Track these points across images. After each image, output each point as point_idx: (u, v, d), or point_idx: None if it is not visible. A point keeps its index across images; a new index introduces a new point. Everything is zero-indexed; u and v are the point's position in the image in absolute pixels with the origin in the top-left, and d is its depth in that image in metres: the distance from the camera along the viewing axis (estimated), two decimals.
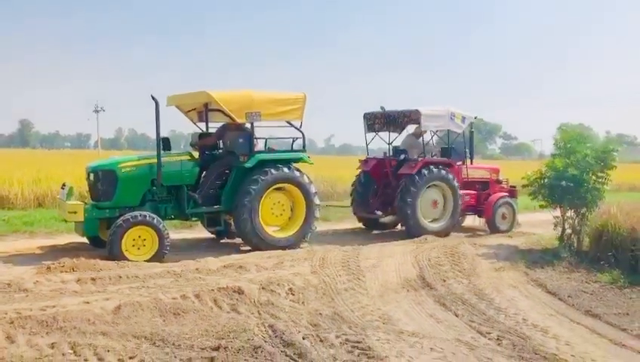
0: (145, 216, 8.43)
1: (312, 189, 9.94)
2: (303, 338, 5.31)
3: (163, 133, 8.88)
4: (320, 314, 6.18)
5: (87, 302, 6.06)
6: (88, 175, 9.10)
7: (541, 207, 10.46)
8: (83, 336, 5.12)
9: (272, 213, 9.70)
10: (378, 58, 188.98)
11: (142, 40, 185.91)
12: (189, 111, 10.41)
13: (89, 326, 5.34)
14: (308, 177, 9.94)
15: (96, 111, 57.90)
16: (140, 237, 8.38)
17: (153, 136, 8.94)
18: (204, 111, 9.91)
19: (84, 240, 9.23)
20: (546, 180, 9.99)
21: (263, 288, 6.79)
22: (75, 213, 8.56)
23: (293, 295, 6.80)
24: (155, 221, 8.46)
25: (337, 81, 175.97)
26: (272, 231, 9.65)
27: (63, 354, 4.75)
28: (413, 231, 11.05)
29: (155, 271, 7.53)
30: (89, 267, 7.51)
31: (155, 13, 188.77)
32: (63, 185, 9.26)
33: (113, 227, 8.28)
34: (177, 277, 7.31)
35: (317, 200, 9.99)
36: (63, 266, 7.49)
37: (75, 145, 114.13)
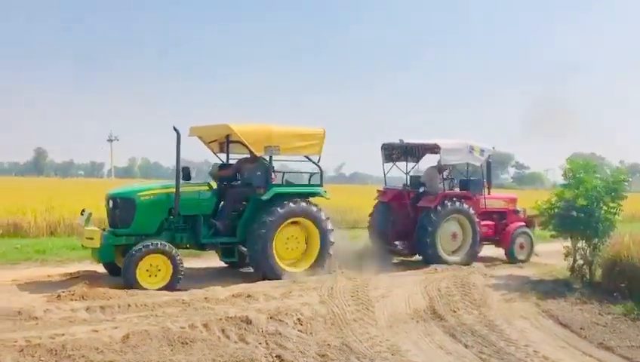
0: (160, 244, 8.50)
1: (328, 226, 9.88)
2: None
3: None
4: (328, 344, 6.16)
5: (96, 331, 6.07)
6: (107, 201, 9.22)
7: (552, 237, 10.41)
8: None
9: (286, 246, 9.68)
10: (390, 88, 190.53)
11: (155, 70, 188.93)
12: (211, 142, 10.56)
13: (97, 355, 5.36)
14: (325, 213, 9.91)
15: (110, 141, 58.78)
16: (153, 265, 8.43)
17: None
18: (226, 142, 10.06)
19: (95, 268, 9.30)
20: (556, 210, 9.95)
21: (271, 318, 6.78)
22: (92, 239, 8.66)
23: (302, 325, 6.78)
24: (169, 249, 8.53)
25: (348, 111, 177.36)
26: (284, 264, 9.58)
27: None
28: (433, 263, 11.03)
29: (163, 299, 7.55)
30: (99, 295, 7.54)
31: (167, 43, 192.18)
32: (83, 211, 9.35)
33: (128, 254, 8.35)
34: (186, 306, 7.31)
35: (332, 238, 9.93)
36: (73, 294, 7.53)
37: (88, 173, 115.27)
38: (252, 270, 9.77)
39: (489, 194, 12.78)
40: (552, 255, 12.11)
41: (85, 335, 5.91)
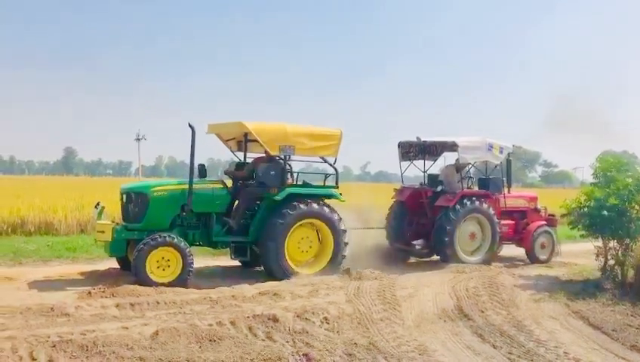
0: (169, 237, 8.56)
1: (342, 227, 9.80)
2: None
3: (201, 161, 9.04)
4: (355, 343, 6.15)
5: (126, 328, 6.18)
6: (122, 196, 9.34)
7: (582, 236, 10.22)
8: (121, 361, 5.22)
9: (299, 248, 9.61)
10: (415, 87, 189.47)
11: (183, 71, 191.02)
12: (229, 140, 10.58)
13: (127, 351, 5.44)
14: (338, 214, 9.80)
15: (138, 140, 59.53)
16: (164, 258, 8.49)
17: (195, 164, 9.13)
18: (244, 141, 10.08)
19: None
20: (585, 209, 9.76)
21: (297, 316, 6.80)
22: (103, 232, 8.75)
23: (328, 324, 6.78)
24: (180, 243, 8.57)
25: (373, 109, 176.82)
26: (296, 266, 9.50)
27: None
28: (451, 262, 10.90)
29: (191, 297, 7.63)
30: (128, 292, 7.65)
31: (196, 45, 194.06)
32: (97, 204, 9.45)
33: (139, 246, 8.41)
34: (213, 303, 7.38)
35: (346, 239, 9.85)
36: (103, 291, 7.66)
37: (116, 172, 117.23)
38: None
39: (509, 192, 12.59)
40: (581, 255, 11.93)
41: (115, 331, 6.02)
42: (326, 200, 9.86)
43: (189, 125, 8.91)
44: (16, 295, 7.65)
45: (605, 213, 9.35)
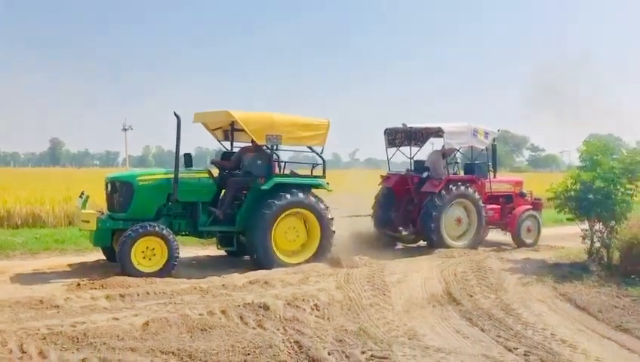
0: (153, 226, 8.52)
1: (329, 216, 9.78)
2: (329, 354, 5.34)
3: (189, 150, 8.98)
4: (345, 329, 6.20)
5: (117, 319, 6.17)
6: (106, 185, 9.28)
7: (569, 220, 10.33)
8: (112, 352, 5.22)
9: (286, 237, 9.58)
10: (402, 72, 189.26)
11: (168, 58, 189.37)
12: (215, 129, 10.52)
13: (118, 342, 5.44)
14: (325, 204, 9.78)
15: (125, 130, 58.94)
16: (149, 248, 8.47)
17: (181, 153, 9.10)
18: (230, 130, 10.02)
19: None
20: (572, 193, 9.87)
21: (288, 304, 6.83)
22: (88, 222, 8.68)
23: (319, 311, 6.82)
24: (163, 231, 8.53)
25: (361, 95, 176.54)
26: (283, 255, 9.49)
27: None
28: (438, 249, 10.98)
29: (182, 287, 7.63)
30: (118, 284, 7.64)
31: (181, 31, 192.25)
32: (81, 193, 9.38)
33: (124, 235, 8.38)
34: (204, 293, 7.39)
35: (333, 228, 9.84)
36: (92, 283, 7.66)
37: (103, 163, 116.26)
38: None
39: (494, 177, 12.68)
40: (567, 238, 12.07)
41: (106, 322, 6.01)
42: (313, 190, 9.85)
43: (175, 114, 8.85)
44: (4, 288, 7.62)
45: (591, 196, 9.47)
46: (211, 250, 10.84)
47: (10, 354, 5.11)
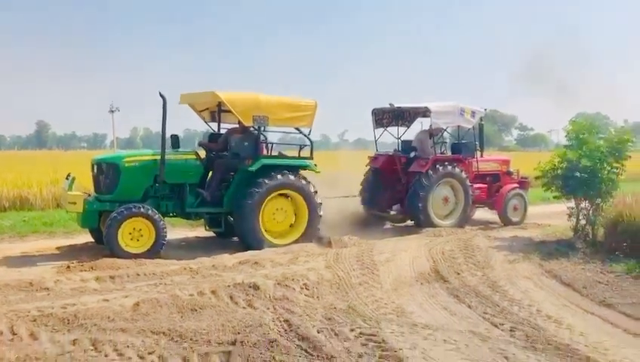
0: (139, 207, 8.53)
1: (317, 199, 9.81)
2: (318, 332, 5.40)
3: (176, 131, 8.94)
4: (334, 308, 6.27)
5: (107, 300, 6.20)
6: (93, 167, 9.26)
7: (555, 198, 10.45)
8: (103, 333, 5.25)
9: (274, 218, 9.60)
10: (388, 51, 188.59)
11: (155, 39, 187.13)
12: (202, 110, 10.47)
13: (109, 323, 5.47)
14: (313, 186, 9.81)
15: (112, 112, 58.48)
16: (135, 229, 8.49)
17: (167, 135, 9.07)
18: (217, 111, 9.98)
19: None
20: (559, 171, 9.97)
21: (278, 283, 6.88)
22: (75, 203, 8.67)
23: (308, 290, 6.88)
24: (149, 212, 8.54)
25: (349, 75, 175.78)
26: (271, 236, 9.53)
27: (85, 351, 4.88)
28: (425, 228, 11.08)
29: (171, 268, 7.67)
30: (107, 266, 7.67)
31: (168, 13, 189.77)
32: (68, 175, 9.35)
33: (111, 216, 8.39)
34: (194, 274, 7.43)
35: (320, 211, 9.86)
36: (82, 265, 7.67)
37: (91, 145, 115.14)
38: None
39: (481, 156, 12.76)
40: (554, 216, 12.20)
41: (96, 304, 6.04)
42: (301, 172, 9.86)
43: (160, 94, 8.80)
44: None
45: (578, 174, 9.58)
46: (200, 231, 10.86)
47: (0, 336, 5.13)
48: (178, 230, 11.12)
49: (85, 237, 10.02)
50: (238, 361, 4.68)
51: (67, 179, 9.24)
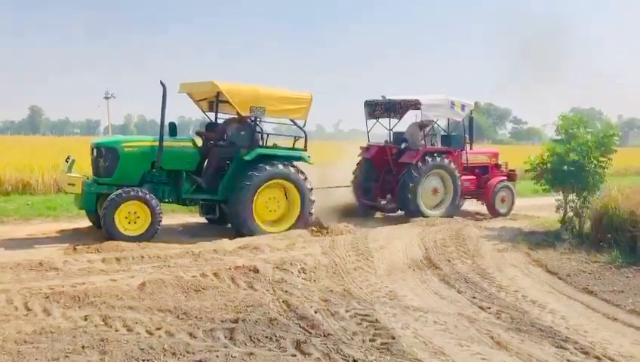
0: (136, 191, 8.82)
1: (308, 186, 10.09)
2: (315, 312, 5.71)
3: (172, 119, 9.18)
4: (331, 291, 6.59)
5: (114, 280, 6.51)
6: (92, 150, 9.52)
7: (544, 191, 10.79)
8: (112, 310, 5.55)
9: (267, 207, 9.89)
10: (383, 44, 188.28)
11: (151, 27, 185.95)
12: (200, 100, 10.71)
13: (117, 301, 5.78)
14: (304, 175, 10.08)
15: (107, 98, 58.28)
16: (130, 212, 8.77)
17: (166, 122, 9.30)
18: (215, 101, 10.24)
19: None
20: (548, 165, 10.30)
21: (276, 267, 7.21)
22: (74, 185, 8.98)
23: (305, 273, 7.21)
24: (146, 196, 8.83)
25: (344, 67, 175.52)
26: (264, 224, 9.80)
27: (96, 326, 5.18)
28: (414, 218, 11.37)
29: (174, 251, 7.97)
30: (112, 248, 7.98)
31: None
32: (67, 157, 9.59)
33: (108, 199, 8.67)
34: (196, 257, 7.74)
35: (312, 196, 10.16)
36: (88, 247, 7.97)
37: (84, 131, 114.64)
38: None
39: (471, 149, 13.06)
40: (543, 208, 12.55)
41: (104, 283, 6.35)
42: (295, 163, 10.12)
43: (161, 83, 9.05)
44: (2, 252, 7.90)
45: (566, 167, 9.90)
46: (200, 217, 11.14)
47: (16, 311, 5.43)
48: (179, 216, 11.41)
49: (88, 222, 10.28)
50: (241, 337, 4.98)
51: (67, 161, 9.49)
